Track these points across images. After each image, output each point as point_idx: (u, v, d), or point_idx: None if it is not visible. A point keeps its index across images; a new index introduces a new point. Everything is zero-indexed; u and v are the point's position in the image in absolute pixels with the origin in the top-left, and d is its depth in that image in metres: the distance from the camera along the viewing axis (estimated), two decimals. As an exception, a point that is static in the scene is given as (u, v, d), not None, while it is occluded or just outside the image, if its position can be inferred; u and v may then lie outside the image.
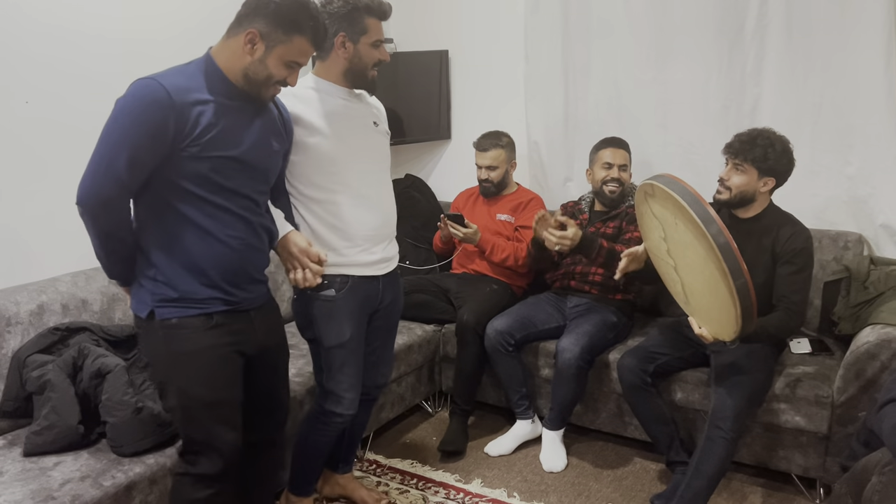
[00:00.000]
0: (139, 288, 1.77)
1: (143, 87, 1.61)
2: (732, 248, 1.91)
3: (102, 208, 1.64)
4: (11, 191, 2.38)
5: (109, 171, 1.61)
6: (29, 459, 2.03)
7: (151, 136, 1.61)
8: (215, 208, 1.73)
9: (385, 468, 2.83)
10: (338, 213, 2.08)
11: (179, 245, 1.72)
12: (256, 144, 1.79)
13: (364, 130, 2.16)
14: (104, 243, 1.70)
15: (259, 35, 1.68)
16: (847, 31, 2.80)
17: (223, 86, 1.72)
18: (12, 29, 2.33)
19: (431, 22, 3.82)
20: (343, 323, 2.12)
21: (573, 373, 2.70)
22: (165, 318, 1.74)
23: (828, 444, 2.47)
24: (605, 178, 2.98)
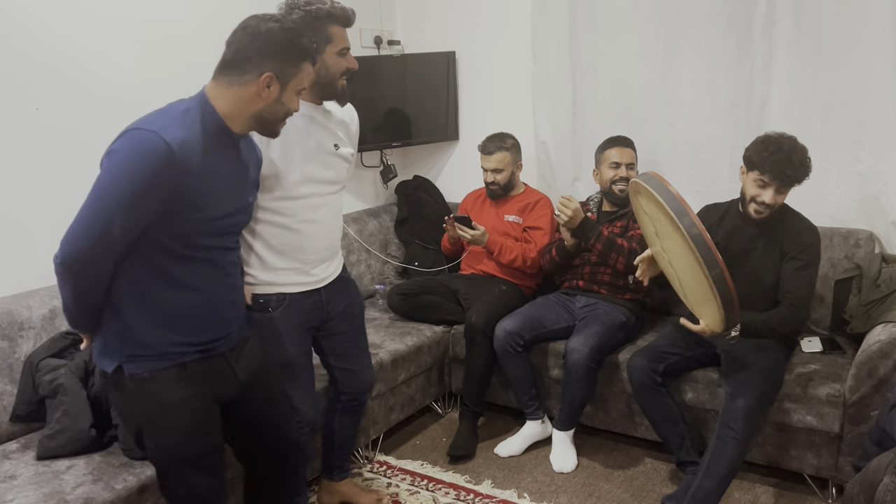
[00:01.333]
0: (104, 343, 1.67)
1: (145, 143, 1.50)
2: (705, 239, 1.95)
3: (87, 269, 1.55)
4: (22, 196, 2.40)
5: (103, 233, 1.51)
6: (42, 463, 2.05)
7: (151, 195, 1.51)
8: (198, 263, 1.66)
9: (395, 469, 2.84)
10: (280, 236, 2.05)
11: (156, 302, 1.63)
12: (242, 198, 1.76)
13: (321, 156, 2.09)
14: (79, 301, 1.60)
15: (275, 76, 1.62)
16: (855, 28, 2.78)
17: (222, 135, 1.65)
18: (24, 36, 2.35)
19: (438, 23, 3.82)
20: (284, 341, 2.09)
21: (583, 373, 2.70)
22: (135, 373, 1.64)
23: (840, 444, 2.45)
24: (614, 177, 2.98)
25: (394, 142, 3.75)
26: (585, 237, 2.82)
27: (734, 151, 3.06)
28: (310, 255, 2.11)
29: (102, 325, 1.66)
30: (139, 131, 1.51)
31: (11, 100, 2.35)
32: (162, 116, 1.57)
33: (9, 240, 2.38)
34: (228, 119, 1.64)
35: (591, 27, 3.33)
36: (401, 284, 3.36)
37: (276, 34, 1.62)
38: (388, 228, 3.78)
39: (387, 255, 3.71)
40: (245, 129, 1.70)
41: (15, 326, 2.24)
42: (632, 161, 2.98)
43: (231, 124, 1.65)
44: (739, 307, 2.08)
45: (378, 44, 3.77)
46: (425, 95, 3.80)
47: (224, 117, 1.64)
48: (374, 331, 3.07)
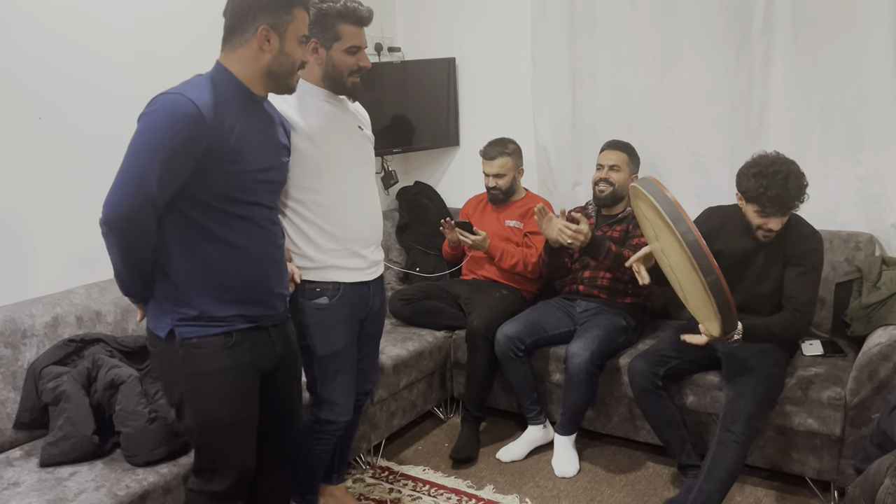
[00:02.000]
0: (157, 306, 1.73)
1: (174, 103, 1.58)
2: (701, 246, 1.95)
3: (131, 226, 1.60)
4: (25, 204, 2.42)
5: (141, 188, 1.56)
6: (45, 470, 2.06)
7: (184, 152, 1.58)
8: (240, 221, 1.71)
9: (397, 475, 2.84)
10: (326, 215, 2.07)
11: (202, 261, 1.69)
12: (274, 155, 1.81)
13: (350, 134, 2.14)
14: (127, 262, 1.65)
15: (270, 28, 1.67)
16: (854, 31, 2.79)
17: (244, 97, 1.72)
18: (28, 46, 2.37)
19: (438, 30, 3.84)
20: (336, 331, 2.12)
21: (583, 377, 2.70)
22: (186, 337, 1.70)
23: (842, 447, 2.45)
24: (596, 178, 3.02)
25: (395, 148, 3.76)
26: (596, 254, 2.81)
27: (734, 155, 3.07)
28: (357, 233, 2.13)
29: (154, 288, 1.71)
30: (167, 94, 1.60)
31: (13, 109, 2.37)
32: (187, 85, 1.64)
33: (11, 248, 2.40)
34: (246, 81, 1.71)
35: (590, 33, 3.34)
36: (402, 290, 3.37)
37: None
38: (390, 234, 3.79)
39: (388, 261, 3.72)
40: (264, 90, 1.75)
41: (18, 334, 2.26)
42: (617, 163, 2.99)
43: (250, 86, 1.71)
44: (737, 312, 2.09)
45: (379, 51, 3.79)
46: (426, 102, 3.81)
47: (242, 79, 1.70)
48: (376, 336, 3.08)
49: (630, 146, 3.06)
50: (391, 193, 3.97)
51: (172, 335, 1.71)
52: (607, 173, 2.99)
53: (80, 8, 2.51)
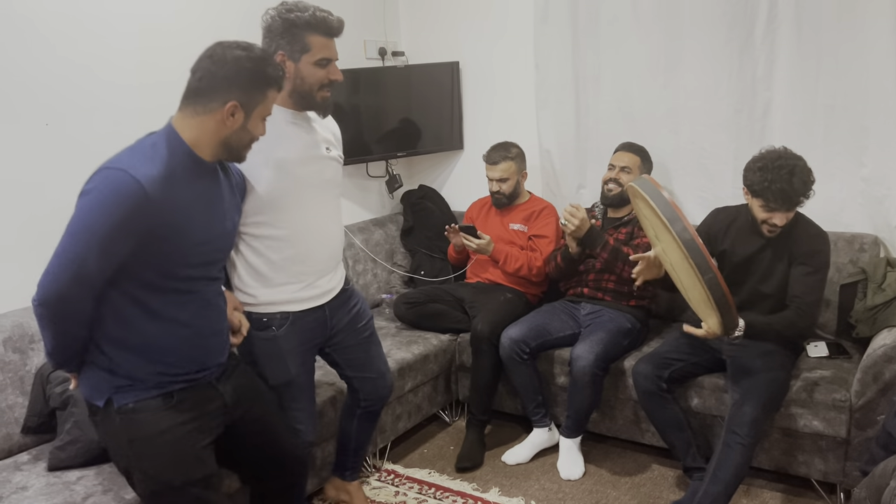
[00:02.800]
0: (93, 376, 1.67)
1: (117, 182, 1.51)
2: (697, 244, 1.96)
3: (66, 309, 1.56)
4: (32, 210, 2.44)
5: (80, 272, 1.52)
6: (53, 474, 2.07)
7: (125, 234, 1.53)
8: (181, 296, 1.67)
9: (403, 478, 2.85)
10: (280, 249, 1.99)
11: (139, 336, 1.64)
12: (221, 225, 1.75)
13: (313, 159, 2.04)
14: (60, 341, 1.61)
15: (239, 105, 1.62)
16: (857, 33, 2.79)
17: (193, 165, 1.65)
18: (35, 53, 2.39)
19: (442, 34, 3.85)
20: (286, 360, 2.06)
21: (588, 380, 2.70)
22: (123, 403, 1.66)
23: (847, 449, 2.45)
24: (606, 178, 3.04)
25: (399, 152, 3.77)
26: (592, 246, 2.84)
27: (737, 157, 3.07)
28: (312, 266, 2.06)
29: (88, 361, 1.67)
30: (110, 171, 1.54)
31: (23, 116, 2.39)
32: (132, 154, 1.58)
33: (20, 253, 2.42)
34: (196, 147, 1.65)
35: (593, 36, 3.35)
36: (407, 293, 3.38)
37: (242, 62, 1.61)
38: (394, 238, 3.80)
39: (393, 265, 3.73)
40: (214, 157, 1.69)
41: (26, 339, 2.27)
42: (628, 165, 3.00)
43: (199, 152, 1.66)
44: (736, 310, 2.09)
45: (382, 55, 3.81)
46: (430, 105, 3.82)
47: (192, 146, 1.64)
48: (381, 339, 3.04)
49: (644, 150, 3.07)
50: (395, 197, 3.98)
51: (110, 403, 1.66)
52: (618, 174, 3.00)
53: (86, 18, 2.53)
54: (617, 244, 2.85)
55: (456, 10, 3.79)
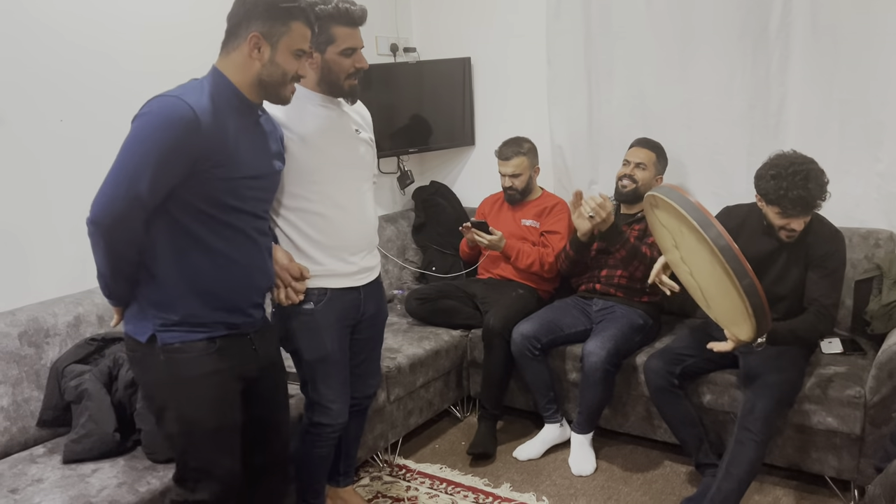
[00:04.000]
0: (138, 311, 1.70)
1: (170, 106, 1.57)
2: (734, 250, 1.92)
3: (118, 228, 1.59)
4: (48, 205, 2.46)
5: (131, 189, 1.55)
6: (68, 467, 2.09)
7: (177, 156, 1.57)
8: (229, 229, 1.70)
9: (414, 473, 2.86)
10: (315, 223, 2.04)
11: (189, 267, 1.67)
12: (267, 163, 1.80)
13: (344, 139, 2.10)
14: (112, 263, 1.64)
15: (261, 36, 1.66)
16: (873, 27, 2.76)
17: (239, 102, 1.70)
18: (49, 48, 2.41)
19: (453, 30, 3.85)
20: (323, 336, 2.09)
21: (600, 376, 2.70)
22: (168, 342, 1.68)
23: (861, 446, 2.43)
24: (621, 174, 3.03)
25: (411, 148, 3.78)
26: (612, 241, 2.83)
27: (751, 153, 3.06)
28: (345, 241, 2.10)
29: (137, 292, 1.69)
30: (164, 97, 1.59)
31: (36, 111, 2.41)
32: (182, 88, 1.64)
33: (34, 248, 2.44)
34: (240, 87, 1.70)
35: (606, 32, 3.34)
36: (419, 289, 3.38)
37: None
38: (406, 234, 3.81)
39: (405, 261, 3.73)
40: (256, 97, 1.73)
41: (41, 333, 2.29)
42: (643, 161, 2.99)
43: (245, 92, 1.71)
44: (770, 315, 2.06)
45: (394, 51, 3.81)
46: (441, 101, 3.82)
47: (237, 85, 1.69)
48: (393, 335, 3.09)
49: (660, 146, 3.05)
50: (407, 193, 3.98)
51: (154, 340, 1.68)
52: (633, 170, 2.99)
53: (99, 14, 2.55)
54: (636, 242, 2.85)
55: (468, 6, 3.78)
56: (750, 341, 2.16)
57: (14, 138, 2.36)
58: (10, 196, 2.37)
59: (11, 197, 2.37)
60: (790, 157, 2.36)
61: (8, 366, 2.21)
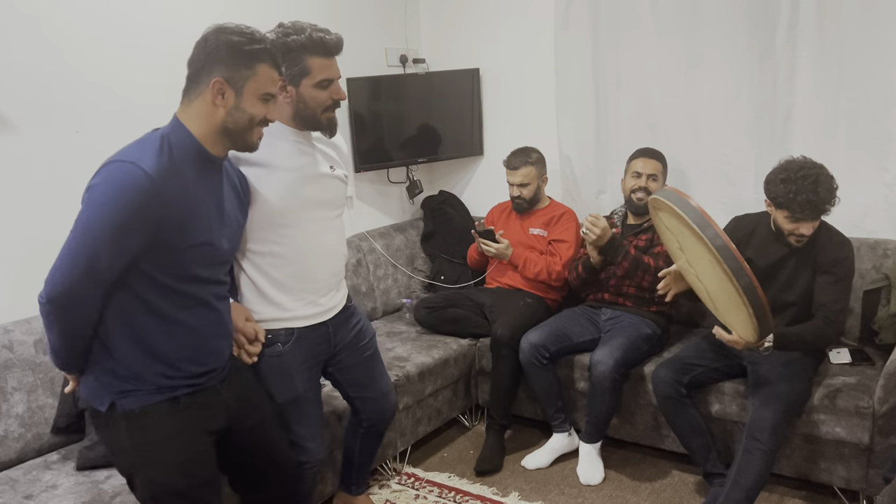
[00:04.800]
0: (95, 380, 1.62)
1: (126, 175, 1.47)
2: (731, 249, 1.93)
3: (75, 306, 1.51)
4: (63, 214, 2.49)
5: (90, 267, 1.48)
6: (82, 473, 2.12)
7: (136, 227, 1.49)
8: (188, 298, 1.63)
9: (423, 481, 2.87)
10: (282, 267, 1.96)
11: (147, 340, 1.60)
12: (230, 225, 1.73)
13: (316, 178, 2.00)
14: (67, 340, 1.56)
15: (224, 82, 1.57)
16: (880, 37, 2.77)
17: (201, 158, 1.61)
18: (66, 61, 2.45)
19: (462, 41, 3.88)
20: (293, 377, 2.03)
21: (608, 385, 2.71)
22: (128, 408, 1.61)
23: (870, 456, 2.43)
24: (634, 186, 3.00)
25: (419, 157, 3.81)
26: (613, 255, 2.84)
27: (759, 163, 3.07)
28: (314, 283, 2.04)
29: (91, 363, 1.62)
30: (118, 163, 1.50)
31: (54, 123, 2.45)
32: (139, 147, 1.55)
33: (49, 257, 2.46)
34: (202, 140, 1.61)
35: (614, 43, 3.36)
36: (427, 298, 3.40)
37: (225, 38, 1.57)
38: (415, 243, 3.83)
39: (413, 270, 3.76)
40: (220, 148, 1.65)
41: (56, 341, 2.32)
42: (655, 172, 2.99)
43: (206, 145, 1.62)
44: (772, 315, 2.07)
45: (403, 62, 3.85)
46: (450, 112, 3.85)
47: (198, 137, 1.61)
48: (402, 344, 3.11)
49: (663, 155, 3.06)
50: (416, 203, 4.01)
51: (114, 407, 1.61)
52: (647, 182, 2.97)
53: (116, 28, 2.59)
54: (638, 253, 2.86)
55: (476, 18, 3.82)
56: (755, 342, 2.17)
57: (30, 148, 2.40)
58: (26, 205, 2.40)
59: (28, 206, 2.41)
60: (800, 162, 2.38)
61: (23, 373, 2.24)
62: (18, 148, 2.37)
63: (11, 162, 2.35)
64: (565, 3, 3.44)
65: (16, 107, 2.35)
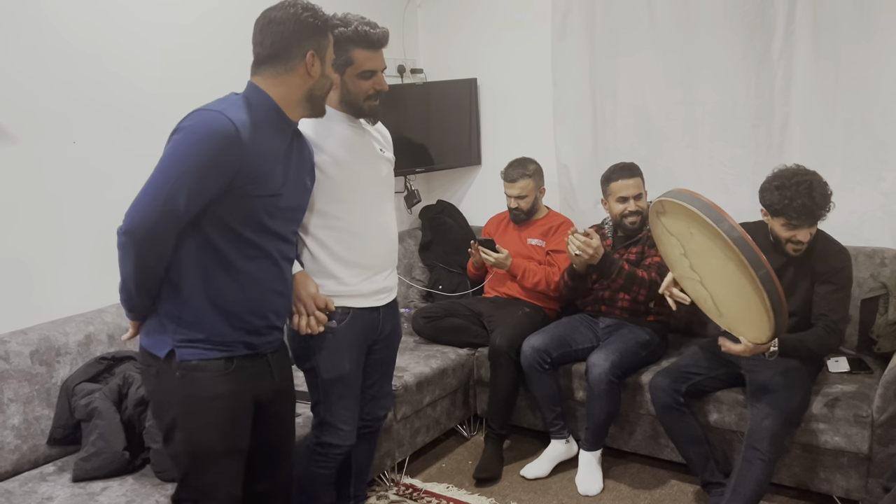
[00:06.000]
0: (158, 325, 1.68)
1: (213, 121, 1.57)
2: (748, 241, 1.92)
3: (152, 240, 1.57)
4: (59, 225, 2.50)
5: (168, 203, 1.54)
6: (78, 485, 2.11)
7: (217, 171, 1.57)
8: (256, 250, 1.69)
9: (421, 492, 2.86)
10: (343, 240, 2.05)
11: (213, 284, 1.66)
12: (298, 183, 1.81)
13: (370, 157, 2.12)
14: (139, 276, 1.62)
15: (315, 53, 1.71)
16: (875, 47, 2.79)
17: (279, 119, 1.73)
18: (62, 71, 2.46)
19: (460, 52, 3.90)
20: (343, 355, 2.08)
21: (604, 388, 2.70)
22: (186, 359, 1.66)
23: (869, 465, 2.42)
24: (623, 211, 2.92)
25: (417, 167, 3.81)
26: (607, 273, 2.81)
27: (756, 172, 3.07)
28: (372, 259, 2.11)
29: (158, 306, 1.67)
30: (205, 111, 1.60)
31: (49, 133, 2.45)
32: (224, 102, 1.65)
33: (46, 268, 2.47)
34: (282, 104, 1.73)
35: (611, 53, 3.38)
36: (425, 307, 3.40)
37: (300, 15, 1.69)
38: (413, 253, 3.83)
39: (411, 279, 3.75)
40: (298, 115, 1.78)
41: (52, 352, 2.32)
42: (639, 191, 2.92)
43: (285, 109, 1.73)
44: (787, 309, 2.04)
45: (402, 72, 3.86)
46: (448, 122, 3.86)
47: (280, 103, 1.72)
48: (400, 354, 3.05)
49: (636, 166, 2.98)
50: (414, 212, 4.02)
51: (172, 356, 1.66)
52: (635, 204, 2.91)
53: (114, 37, 2.60)
54: (631, 268, 2.83)
55: (474, 28, 3.84)
56: (767, 341, 2.15)
57: (27, 159, 2.40)
58: (22, 216, 2.40)
59: (24, 217, 2.41)
60: (793, 170, 2.39)
61: (19, 384, 2.23)
62: (15, 158, 2.37)
63: (8, 172, 2.35)
64: (562, 14, 3.46)
65: (13, 117, 2.35)
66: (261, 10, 1.73)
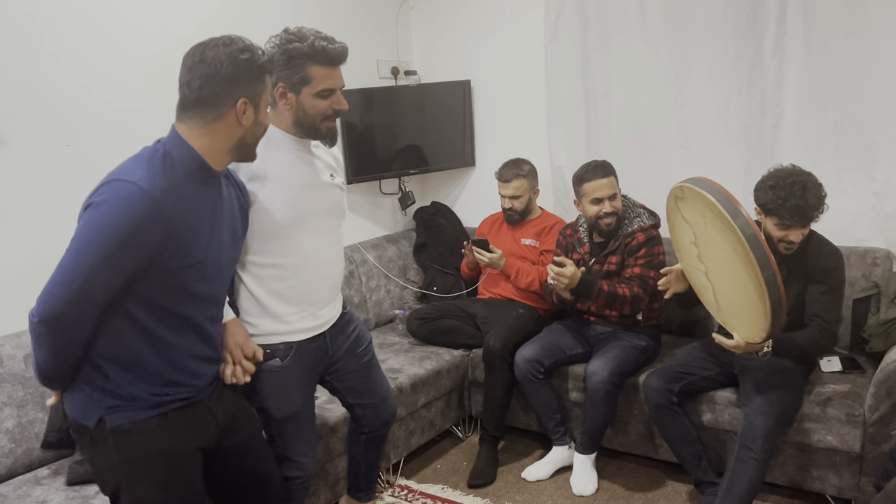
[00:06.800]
0: (82, 395, 1.58)
1: (128, 197, 1.44)
2: (760, 240, 1.93)
3: (67, 328, 1.48)
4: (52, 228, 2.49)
5: (83, 290, 1.45)
6: (72, 488, 2.10)
7: (134, 251, 1.46)
8: (180, 320, 1.61)
9: (416, 493, 2.86)
10: (283, 278, 1.93)
11: (137, 358, 1.58)
12: (230, 236, 1.71)
13: (316, 186, 1.97)
14: (57, 360, 1.52)
15: (248, 101, 1.58)
16: (867, 48, 2.81)
17: (200, 171, 1.59)
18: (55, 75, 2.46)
19: (454, 53, 3.91)
20: (292, 392, 2.00)
21: (602, 396, 2.71)
22: (117, 424, 1.57)
23: (862, 464, 2.43)
24: (598, 213, 2.85)
25: (412, 169, 3.82)
26: (586, 297, 2.78)
27: (748, 173, 3.09)
28: (315, 295, 2.01)
29: (80, 378, 1.58)
30: (119, 182, 1.47)
31: (42, 136, 2.45)
32: (140, 165, 1.52)
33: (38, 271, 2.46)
34: (207, 155, 1.59)
35: (603, 54, 3.39)
36: (420, 309, 3.40)
37: (236, 56, 1.55)
38: (407, 254, 3.84)
39: (406, 281, 3.76)
40: (225, 164, 1.65)
41: (46, 355, 2.31)
42: (613, 191, 2.84)
43: (210, 160, 1.60)
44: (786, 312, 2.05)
45: (395, 74, 3.87)
46: (442, 123, 3.87)
47: (202, 154, 1.59)
48: (394, 355, 3.11)
49: (609, 164, 2.91)
50: (408, 214, 4.02)
51: (102, 423, 1.58)
52: (610, 206, 2.84)
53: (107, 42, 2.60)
54: (610, 288, 2.77)
55: (467, 30, 3.84)
56: (760, 342, 2.16)
57: (21, 162, 2.40)
58: (14, 219, 2.40)
59: (16, 220, 2.41)
60: (788, 170, 2.40)
61: (13, 388, 2.23)
62: (9, 162, 2.37)
63: (1, 176, 2.35)
64: (555, 15, 3.47)
65: (6, 121, 2.35)
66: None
